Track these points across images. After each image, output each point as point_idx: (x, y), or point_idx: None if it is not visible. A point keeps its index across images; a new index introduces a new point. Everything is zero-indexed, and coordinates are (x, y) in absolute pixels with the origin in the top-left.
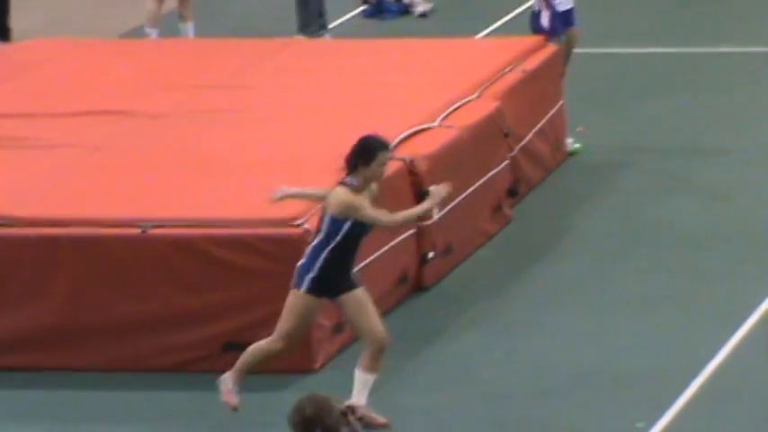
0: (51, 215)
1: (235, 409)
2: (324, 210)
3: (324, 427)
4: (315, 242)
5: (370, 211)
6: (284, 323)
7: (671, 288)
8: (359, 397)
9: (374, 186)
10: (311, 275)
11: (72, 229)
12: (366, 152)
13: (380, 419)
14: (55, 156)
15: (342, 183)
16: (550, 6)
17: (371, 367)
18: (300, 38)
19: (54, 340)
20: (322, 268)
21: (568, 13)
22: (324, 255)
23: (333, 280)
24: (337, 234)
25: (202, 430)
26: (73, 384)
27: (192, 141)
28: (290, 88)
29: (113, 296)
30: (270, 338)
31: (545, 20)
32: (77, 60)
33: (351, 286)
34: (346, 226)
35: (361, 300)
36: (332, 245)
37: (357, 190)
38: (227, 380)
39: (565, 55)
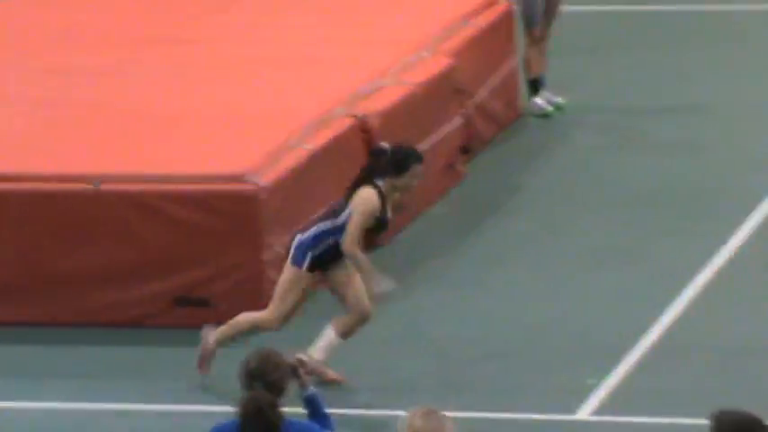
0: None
1: (202, 373)
2: (346, 199)
3: (266, 382)
4: (325, 225)
5: (357, 232)
6: (282, 302)
7: (621, 244)
8: (319, 351)
9: (397, 195)
10: (313, 253)
11: (22, 184)
12: (401, 163)
13: (333, 375)
14: (0, 112)
15: (374, 185)
16: None
17: (344, 333)
18: None
19: (5, 296)
20: (326, 249)
21: None
22: (330, 240)
23: (330, 258)
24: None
25: (158, 384)
26: (26, 340)
27: (139, 96)
28: (240, 43)
29: (65, 252)
30: (265, 314)
31: None
32: (22, 16)
33: (342, 260)
34: None
35: (350, 272)
36: (339, 235)
37: (383, 195)
38: (209, 337)
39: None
